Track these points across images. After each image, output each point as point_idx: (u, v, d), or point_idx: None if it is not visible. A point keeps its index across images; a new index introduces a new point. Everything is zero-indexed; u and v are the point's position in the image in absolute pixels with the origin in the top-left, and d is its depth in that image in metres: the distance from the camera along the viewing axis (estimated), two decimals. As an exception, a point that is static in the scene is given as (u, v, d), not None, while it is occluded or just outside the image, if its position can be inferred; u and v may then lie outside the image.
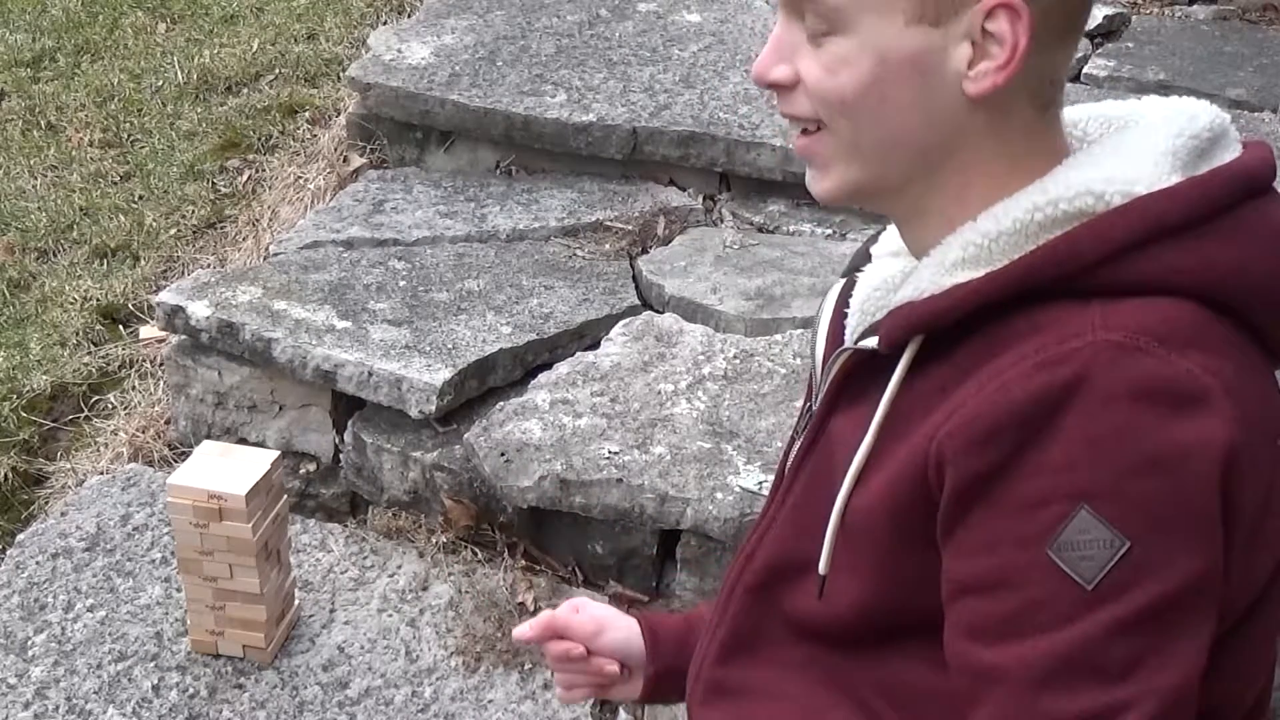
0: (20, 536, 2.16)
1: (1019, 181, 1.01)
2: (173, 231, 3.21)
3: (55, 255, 3.17)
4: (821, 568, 1.09)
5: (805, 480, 1.14)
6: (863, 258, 1.20)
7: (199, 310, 2.30)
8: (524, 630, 1.35)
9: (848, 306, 1.16)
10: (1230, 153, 1.05)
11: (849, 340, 1.13)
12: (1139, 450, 0.91)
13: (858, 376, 1.09)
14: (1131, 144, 1.02)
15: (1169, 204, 0.96)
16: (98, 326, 2.88)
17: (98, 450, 2.45)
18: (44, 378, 2.70)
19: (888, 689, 1.09)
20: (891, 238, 1.16)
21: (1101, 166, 0.99)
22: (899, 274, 1.11)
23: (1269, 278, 0.99)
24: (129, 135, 3.66)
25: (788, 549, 1.14)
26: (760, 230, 2.68)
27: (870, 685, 1.10)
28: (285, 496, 1.90)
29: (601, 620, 1.36)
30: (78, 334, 2.84)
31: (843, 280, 1.21)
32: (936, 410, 0.99)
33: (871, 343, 1.05)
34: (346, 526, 2.20)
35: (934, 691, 1.05)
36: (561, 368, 2.23)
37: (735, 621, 1.19)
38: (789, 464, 1.17)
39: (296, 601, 1.97)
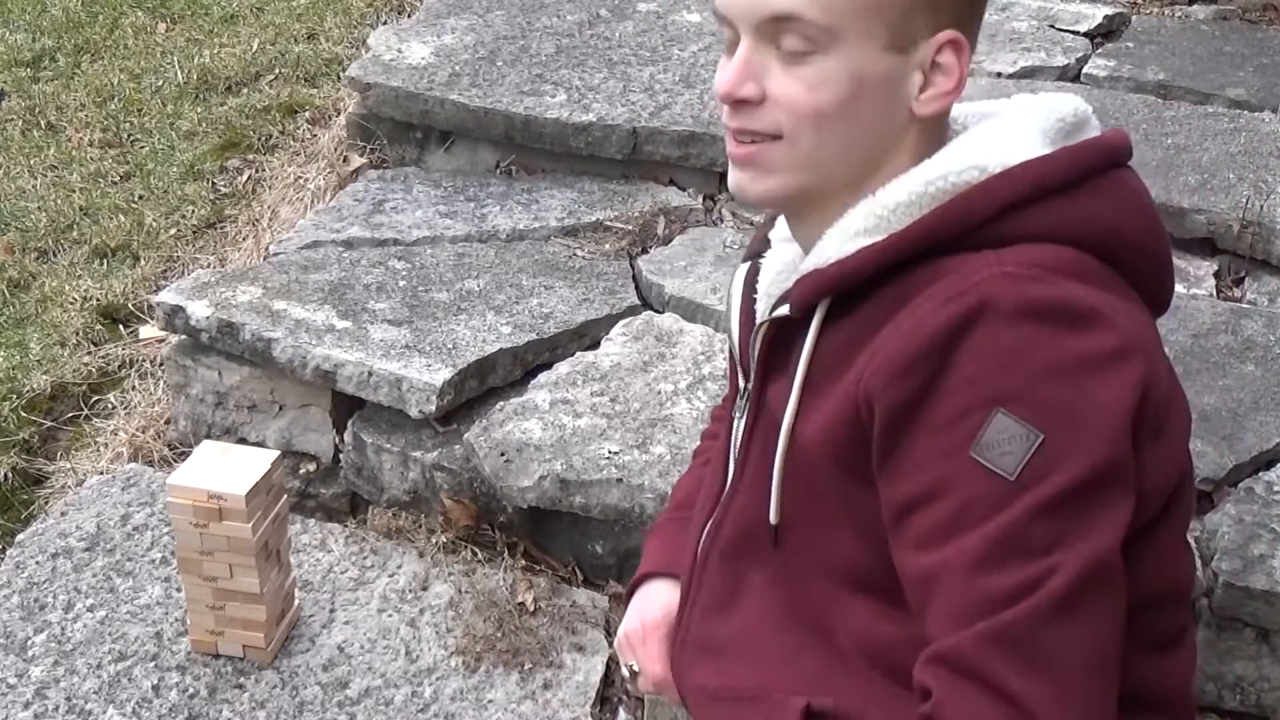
0: (20, 536, 2.16)
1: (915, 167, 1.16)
2: (173, 231, 3.21)
3: (55, 255, 3.17)
4: (772, 517, 1.22)
5: (757, 451, 1.25)
6: (762, 243, 1.33)
7: (199, 310, 2.30)
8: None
9: (755, 292, 1.29)
10: (1091, 133, 1.20)
11: (760, 317, 1.25)
12: (1042, 358, 1.04)
13: (780, 347, 1.21)
14: (1006, 127, 1.17)
15: (1049, 167, 1.11)
16: (98, 326, 2.88)
17: (98, 450, 2.45)
18: (44, 378, 2.70)
19: (857, 635, 1.20)
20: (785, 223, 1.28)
21: (983, 145, 1.14)
22: (801, 254, 1.23)
23: (1137, 232, 1.15)
24: (129, 135, 3.66)
25: (753, 516, 1.25)
26: (760, 230, 2.68)
27: (841, 630, 1.20)
28: (285, 496, 1.90)
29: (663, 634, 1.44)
30: (78, 334, 2.84)
31: (745, 265, 1.33)
32: (858, 357, 1.11)
33: (784, 310, 1.18)
34: (346, 526, 2.20)
35: (899, 639, 1.15)
36: (561, 368, 2.23)
37: (713, 587, 1.31)
38: (737, 441, 1.28)
39: (296, 601, 1.97)
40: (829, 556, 1.19)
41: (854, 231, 1.14)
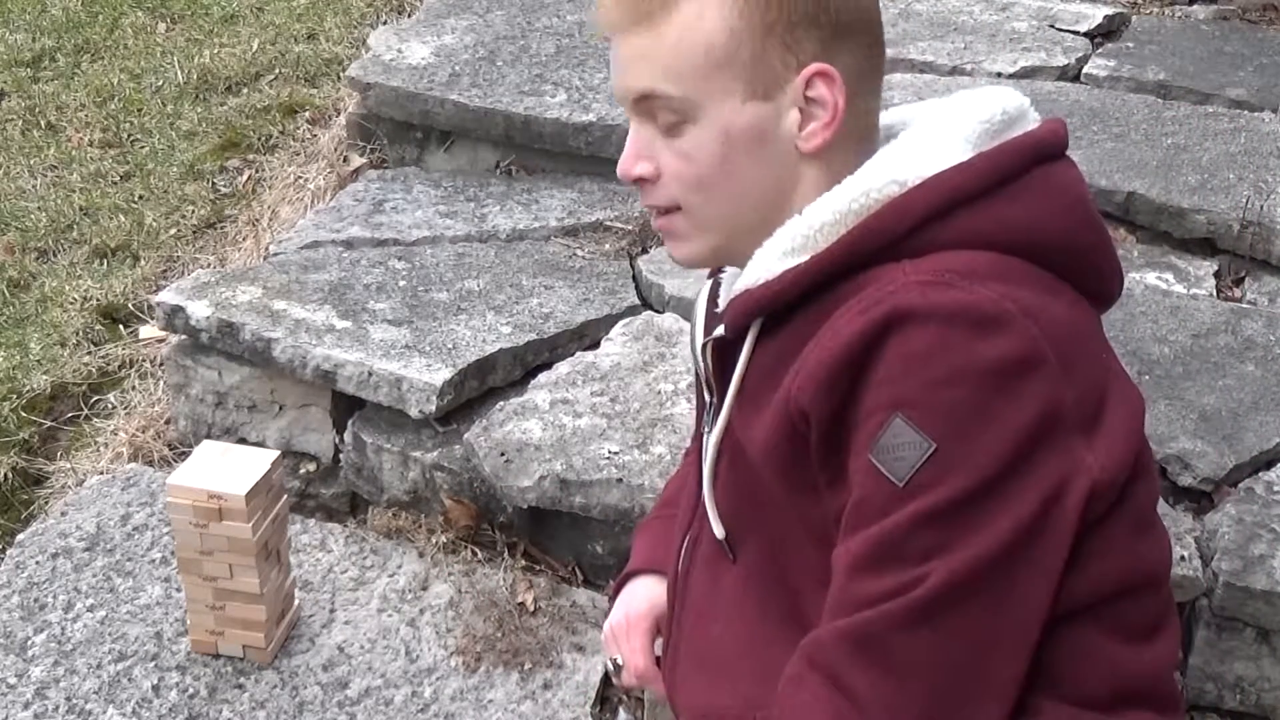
0: (20, 536, 2.16)
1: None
2: (173, 231, 3.21)
3: (55, 255, 3.17)
4: (717, 532, 1.27)
5: (726, 462, 1.28)
6: None
7: (199, 310, 2.30)
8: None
9: (718, 308, 1.30)
10: (1026, 128, 1.20)
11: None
12: (945, 365, 1.04)
13: (728, 365, 1.24)
14: (929, 136, 1.18)
15: (963, 177, 1.13)
16: (98, 326, 2.88)
17: (98, 450, 2.45)
18: (44, 378, 2.70)
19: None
20: None
21: (903, 158, 1.15)
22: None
23: (1062, 228, 1.15)
24: (129, 135, 3.66)
25: (735, 524, 1.28)
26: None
27: (815, 614, 1.21)
28: (285, 496, 1.90)
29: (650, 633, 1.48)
30: (78, 334, 2.84)
31: (709, 282, 1.37)
32: (786, 373, 1.14)
33: (720, 330, 1.22)
34: (346, 526, 2.20)
35: None
36: (561, 368, 2.23)
37: (696, 598, 1.34)
38: (708, 455, 1.29)
39: (296, 601, 1.97)
40: (799, 567, 1.21)
41: (782, 251, 1.17)
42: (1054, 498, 1.07)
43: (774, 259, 1.17)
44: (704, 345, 1.26)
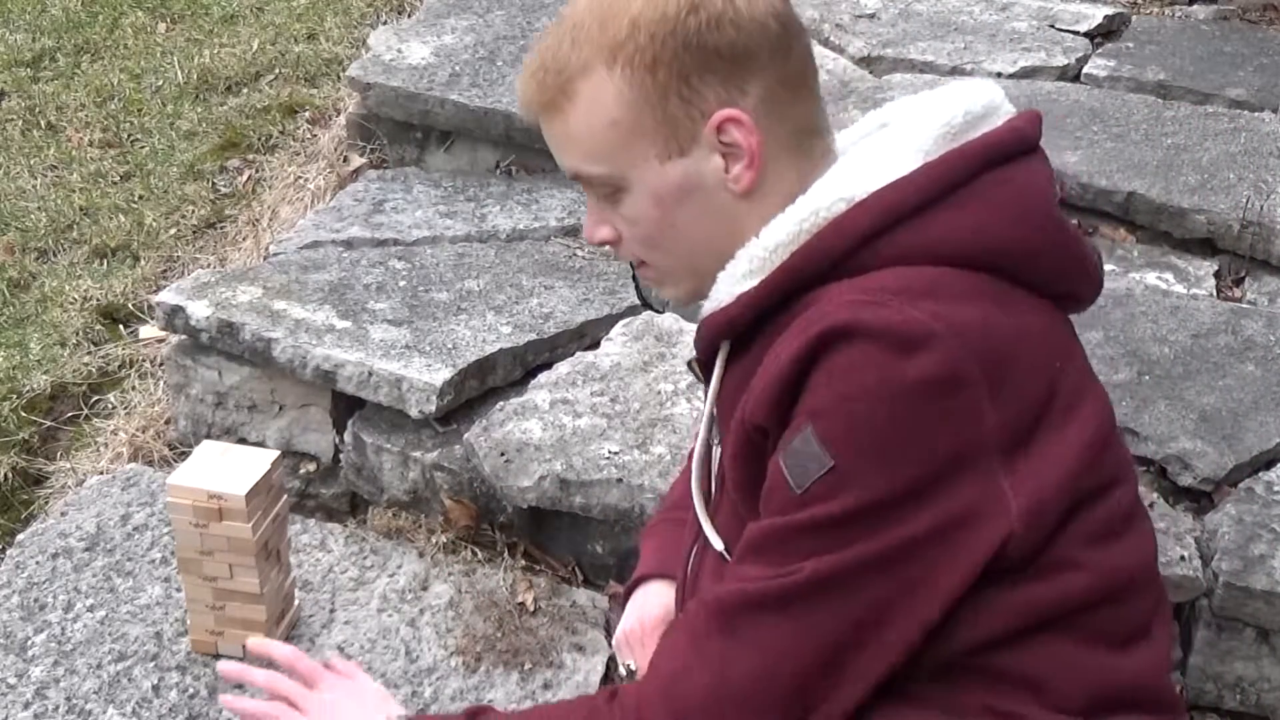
0: (20, 536, 2.16)
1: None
2: (173, 231, 3.21)
3: (55, 255, 3.17)
4: (716, 544, 1.30)
5: (717, 475, 1.32)
6: None
7: (199, 310, 2.30)
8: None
9: None
10: (995, 125, 1.20)
11: None
12: (863, 382, 1.07)
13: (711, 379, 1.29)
14: (881, 148, 1.19)
15: (902, 193, 1.13)
16: (98, 326, 2.88)
17: (98, 450, 2.45)
18: (44, 378, 2.69)
19: None
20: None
21: (852, 174, 1.17)
22: None
23: (1010, 237, 1.15)
24: (129, 135, 3.66)
25: (729, 537, 1.30)
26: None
27: None
28: (285, 496, 1.90)
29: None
30: (78, 334, 2.84)
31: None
32: (744, 393, 1.18)
33: (691, 352, 1.28)
34: (346, 526, 2.20)
35: None
36: (561, 368, 2.23)
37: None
38: (714, 464, 1.34)
39: (296, 601, 1.97)
40: None
41: (740, 275, 1.20)
42: (954, 525, 1.08)
43: (734, 282, 1.21)
44: (688, 363, 1.33)
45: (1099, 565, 1.16)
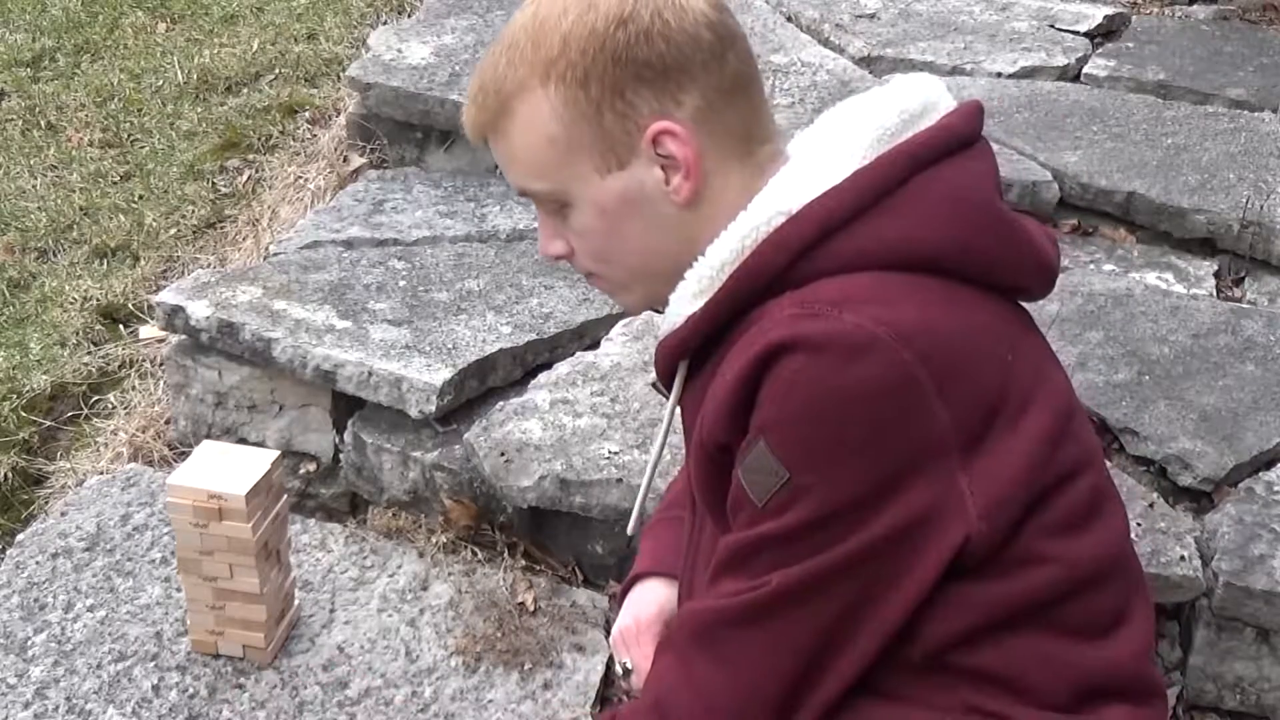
0: (20, 536, 2.16)
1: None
2: (173, 231, 3.21)
3: (55, 255, 3.17)
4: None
5: None
6: None
7: (199, 310, 2.30)
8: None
9: None
10: (927, 124, 1.20)
11: None
12: (808, 394, 1.08)
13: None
14: (824, 150, 1.19)
15: (832, 203, 1.14)
16: (98, 326, 2.88)
17: (98, 450, 2.45)
18: (44, 378, 2.70)
19: None
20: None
21: (788, 186, 1.17)
22: None
23: (944, 237, 1.15)
24: (129, 135, 3.66)
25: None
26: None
27: None
28: (285, 496, 1.90)
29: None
30: (78, 334, 2.84)
31: None
32: (701, 407, 1.20)
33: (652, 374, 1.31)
34: (346, 526, 2.20)
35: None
36: (561, 367, 2.23)
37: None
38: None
39: (296, 601, 1.97)
40: None
41: (690, 295, 1.20)
42: (913, 526, 1.09)
43: (684, 303, 1.21)
44: (652, 384, 1.36)
45: (1065, 557, 1.16)
